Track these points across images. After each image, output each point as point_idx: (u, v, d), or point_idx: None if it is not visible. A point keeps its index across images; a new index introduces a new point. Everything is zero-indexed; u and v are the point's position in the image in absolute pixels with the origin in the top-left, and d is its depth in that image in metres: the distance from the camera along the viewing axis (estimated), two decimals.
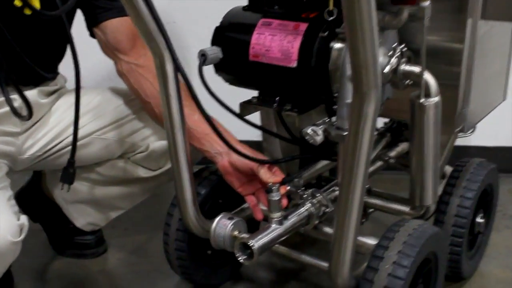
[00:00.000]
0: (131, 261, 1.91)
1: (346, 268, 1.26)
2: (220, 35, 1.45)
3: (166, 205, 1.63)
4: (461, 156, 1.73)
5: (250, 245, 1.32)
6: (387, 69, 1.26)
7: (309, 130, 1.31)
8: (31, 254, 1.93)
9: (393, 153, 1.75)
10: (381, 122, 1.80)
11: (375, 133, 1.13)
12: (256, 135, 1.81)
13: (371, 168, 1.72)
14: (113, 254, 1.95)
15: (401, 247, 1.27)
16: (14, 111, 1.20)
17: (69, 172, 1.43)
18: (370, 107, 1.05)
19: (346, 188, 1.17)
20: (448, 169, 1.75)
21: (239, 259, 1.35)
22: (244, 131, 1.60)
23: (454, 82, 1.44)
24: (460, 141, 1.73)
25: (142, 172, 1.72)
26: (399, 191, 1.75)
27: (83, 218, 1.84)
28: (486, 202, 1.73)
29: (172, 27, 2.39)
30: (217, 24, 1.48)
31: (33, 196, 1.92)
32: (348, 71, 1.25)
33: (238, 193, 1.52)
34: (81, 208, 1.83)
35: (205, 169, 1.64)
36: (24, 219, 1.35)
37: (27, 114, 1.21)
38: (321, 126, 1.32)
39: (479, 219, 1.68)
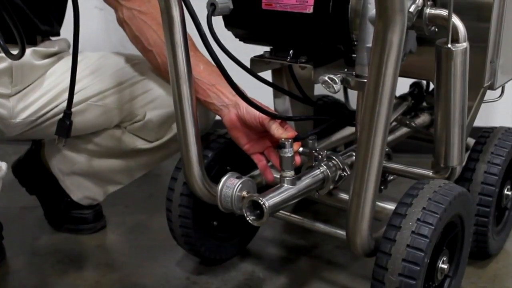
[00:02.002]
0: (131, 237, 1.80)
1: (365, 226, 1.15)
2: None
3: (167, 182, 1.53)
4: None
5: (261, 203, 1.21)
6: (412, 8, 1.15)
7: (326, 78, 1.20)
8: (26, 229, 1.84)
9: (415, 121, 1.65)
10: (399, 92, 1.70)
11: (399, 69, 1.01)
12: None
13: (392, 137, 1.61)
14: (112, 230, 1.84)
15: (426, 204, 1.16)
16: (5, 50, 1.10)
17: (65, 124, 1.32)
18: (395, 35, 0.94)
19: (366, 134, 1.06)
20: (471, 141, 1.64)
21: (248, 218, 1.23)
22: None
23: (483, 37, 1.33)
24: (483, 121, 1.61)
25: (140, 143, 1.61)
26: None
27: (80, 191, 1.75)
28: None
29: None
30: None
31: (31, 166, 1.82)
32: (370, 11, 1.15)
33: (247, 158, 1.41)
34: (78, 181, 1.74)
35: (212, 132, 1.53)
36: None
37: (19, 52, 1.11)
38: (339, 75, 1.21)
39: (507, 191, 1.57)
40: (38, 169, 1.79)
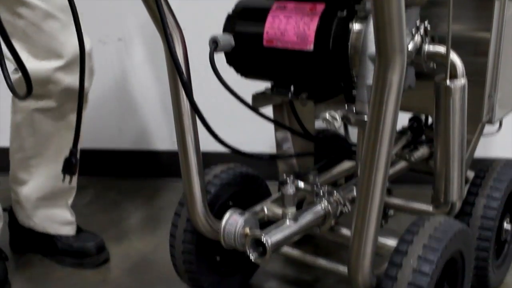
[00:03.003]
0: (135, 270, 1.80)
1: (367, 263, 1.15)
2: (232, 22, 1.38)
3: (172, 217, 1.54)
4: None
5: (263, 240, 1.22)
6: (411, 46, 1.17)
7: (327, 115, 1.22)
8: (29, 264, 1.85)
9: (414, 155, 1.66)
10: (400, 125, 1.71)
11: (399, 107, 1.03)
12: (269, 146, 1.72)
13: (393, 170, 1.62)
14: (116, 264, 1.85)
15: (427, 241, 1.16)
16: (12, 89, 1.12)
17: (71, 162, 1.34)
18: (395, 74, 0.96)
19: (366, 177, 1.08)
20: (471, 174, 1.65)
21: (250, 256, 1.24)
22: (256, 143, 1.51)
23: (481, 71, 1.35)
24: (483, 153, 1.62)
25: None
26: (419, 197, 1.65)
27: (52, 222, 1.83)
28: None
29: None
30: None
31: (17, 235, 1.89)
32: (370, 48, 1.17)
33: (249, 192, 1.43)
34: (45, 215, 1.82)
35: (214, 167, 1.55)
36: None
37: (25, 91, 1.13)
38: (339, 111, 1.23)
39: (506, 225, 1.57)
40: (20, 232, 1.87)
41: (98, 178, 2.46)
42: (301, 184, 1.41)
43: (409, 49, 1.17)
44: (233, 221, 1.29)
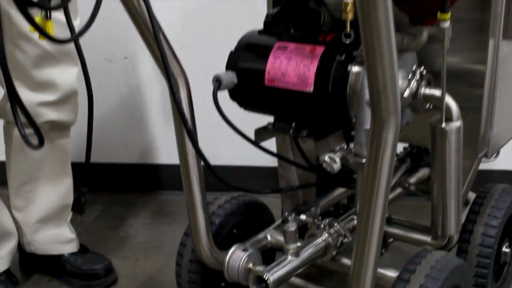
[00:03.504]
0: None
1: None
2: (235, 60, 1.41)
3: (178, 233, 1.58)
4: (484, 180, 1.67)
5: (265, 278, 1.27)
6: (406, 93, 1.21)
7: (326, 158, 1.26)
8: (37, 285, 1.90)
9: (413, 179, 1.70)
10: (400, 147, 1.75)
11: (395, 158, 1.07)
12: (271, 161, 1.76)
13: (391, 196, 1.66)
14: (123, 284, 1.90)
15: (423, 281, 1.21)
16: (25, 139, 1.16)
17: (80, 201, 1.39)
18: (390, 134, 1.00)
19: (365, 218, 1.12)
20: (472, 195, 1.69)
21: None
22: (259, 157, 1.56)
23: (476, 105, 1.39)
24: (483, 165, 1.66)
25: None
26: (420, 217, 1.67)
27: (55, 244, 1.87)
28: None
29: (186, 51, 2.36)
30: (231, 48, 1.44)
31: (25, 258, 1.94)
32: (367, 95, 1.20)
33: (253, 221, 1.47)
34: (45, 237, 1.86)
35: (218, 198, 1.59)
36: None
37: (38, 143, 1.17)
38: (338, 153, 1.27)
39: (505, 249, 1.61)
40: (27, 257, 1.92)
41: (104, 193, 2.51)
42: (303, 217, 1.45)
43: (405, 96, 1.20)
44: (237, 256, 1.34)
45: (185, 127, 1.23)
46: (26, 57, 1.60)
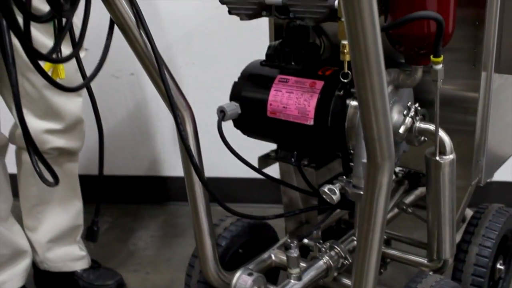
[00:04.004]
0: None
1: None
2: (238, 90, 1.48)
3: (185, 246, 1.65)
4: (482, 192, 1.72)
5: None
6: (402, 130, 1.27)
7: (326, 189, 1.32)
8: None
9: (411, 197, 1.76)
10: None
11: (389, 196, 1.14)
12: (276, 173, 1.83)
13: (389, 216, 1.73)
14: None
15: None
16: (40, 176, 1.23)
17: (94, 230, 1.46)
18: (385, 177, 1.06)
19: (363, 245, 1.18)
20: (469, 212, 1.76)
21: None
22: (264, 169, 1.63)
23: (471, 128, 1.44)
24: None
25: None
26: (419, 228, 1.73)
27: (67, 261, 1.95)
28: (506, 247, 1.73)
29: (191, 68, 2.43)
30: (232, 66, 1.50)
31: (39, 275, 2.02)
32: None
33: (258, 241, 1.54)
34: (57, 254, 1.94)
35: (224, 220, 1.66)
36: None
37: (53, 180, 1.25)
38: (337, 185, 1.33)
39: (499, 266, 1.68)
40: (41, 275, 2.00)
41: (113, 204, 2.58)
42: (305, 241, 1.52)
43: (400, 132, 1.27)
44: (243, 281, 1.41)
45: (191, 161, 1.30)
46: (33, 87, 1.68)
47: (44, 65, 1.22)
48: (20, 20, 0.94)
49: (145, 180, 2.65)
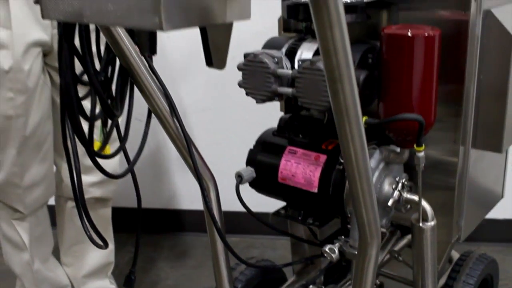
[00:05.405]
0: None
1: None
2: (254, 156, 1.73)
3: (202, 277, 1.87)
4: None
5: None
6: (390, 202, 1.52)
7: (327, 248, 1.57)
8: None
9: (403, 242, 2.00)
10: None
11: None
12: None
13: (382, 261, 1.98)
14: None
15: None
16: (93, 242, 1.50)
17: (131, 279, 1.71)
18: (373, 251, 1.31)
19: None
20: (455, 254, 2.01)
21: None
22: (276, 205, 1.86)
23: (452, 195, 1.69)
24: None
25: None
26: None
27: None
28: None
29: (208, 113, 2.68)
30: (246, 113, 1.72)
31: None
32: None
33: (272, 284, 1.79)
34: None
35: (239, 265, 1.91)
36: None
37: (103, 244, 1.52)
38: (337, 244, 1.58)
39: None
40: None
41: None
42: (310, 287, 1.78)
43: (389, 204, 1.52)
44: None
45: (215, 225, 1.55)
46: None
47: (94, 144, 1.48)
48: None
49: (165, 212, 2.91)
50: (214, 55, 1.11)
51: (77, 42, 1.19)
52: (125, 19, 0.90)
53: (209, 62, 1.12)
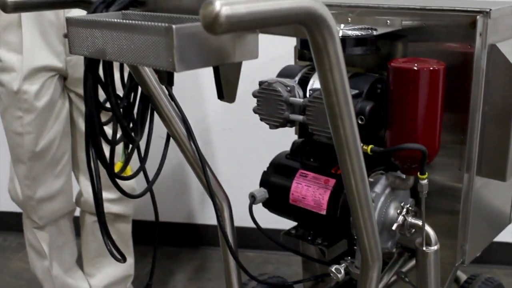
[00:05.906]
0: None
1: None
2: (267, 178, 1.81)
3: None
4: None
5: None
6: (394, 227, 1.59)
7: (333, 269, 1.65)
8: None
9: (410, 264, 2.06)
10: None
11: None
12: None
13: (391, 280, 2.04)
14: None
15: None
16: (112, 254, 1.59)
17: None
18: (374, 273, 1.39)
19: None
20: (462, 276, 2.07)
21: None
22: (289, 222, 1.94)
23: (456, 219, 1.75)
24: None
25: None
26: None
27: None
28: None
29: (228, 133, 2.77)
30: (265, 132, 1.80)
31: None
32: None
33: None
34: None
35: (251, 281, 1.99)
36: None
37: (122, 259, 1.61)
38: (343, 265, 1.66)
39: None
40: None
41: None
42: None
43: (393, 228, 1.59)
44: None
45: (228, 244, 1.63)
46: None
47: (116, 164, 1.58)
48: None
49: (184, 226, 3.00)
50: (225, 89, 1.20)
51: (101, 71, 1.29)
52: (143, 58, 0.99)
53: (221, 96, 1.21)
